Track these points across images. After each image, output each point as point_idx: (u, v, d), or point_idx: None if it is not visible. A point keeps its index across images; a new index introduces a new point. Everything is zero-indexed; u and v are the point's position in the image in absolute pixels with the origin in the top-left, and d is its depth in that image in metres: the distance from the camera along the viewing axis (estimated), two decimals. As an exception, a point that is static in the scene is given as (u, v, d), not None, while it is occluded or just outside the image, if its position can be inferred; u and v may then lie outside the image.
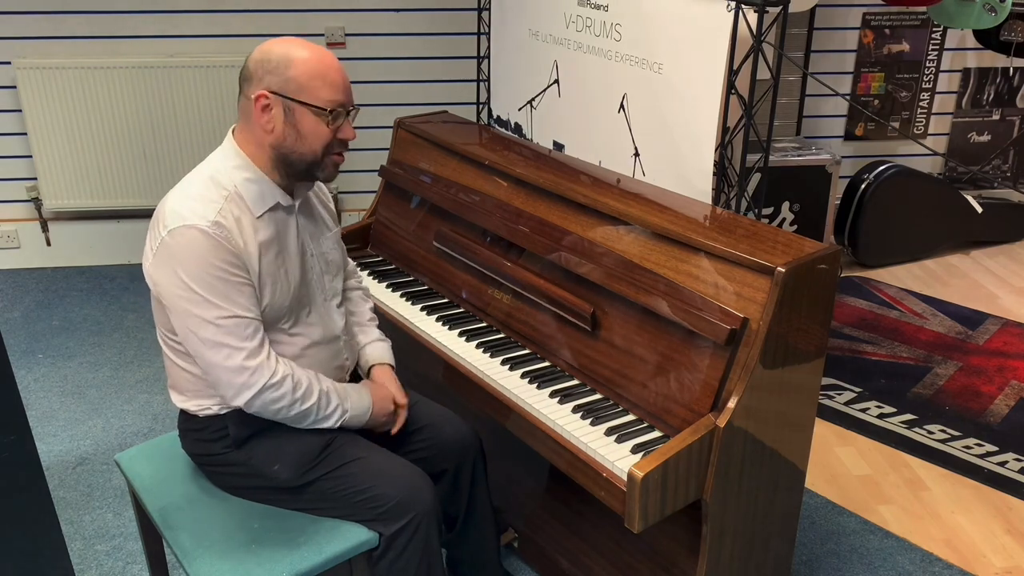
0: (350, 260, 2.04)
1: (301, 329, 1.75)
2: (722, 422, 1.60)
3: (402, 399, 1.87)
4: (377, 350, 1.96)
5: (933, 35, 4.19)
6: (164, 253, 1.58)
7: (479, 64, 3.39)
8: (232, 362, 1.59)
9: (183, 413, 1.79)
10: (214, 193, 1.61)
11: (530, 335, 2.03)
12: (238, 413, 1.71)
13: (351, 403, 1.76)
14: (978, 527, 2.49)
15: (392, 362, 1.96)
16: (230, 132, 1.70)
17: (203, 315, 1.57)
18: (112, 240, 3.99)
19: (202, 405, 1.74)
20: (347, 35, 3.82)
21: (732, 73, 2.16)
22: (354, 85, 1.70)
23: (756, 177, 2.40)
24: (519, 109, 2.99)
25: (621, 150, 2.51)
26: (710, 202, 2.21)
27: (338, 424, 1.74)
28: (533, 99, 2.89)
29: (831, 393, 3.11)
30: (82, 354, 3.31)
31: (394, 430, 1.87)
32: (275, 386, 1.63)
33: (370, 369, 1.93)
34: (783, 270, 1.60)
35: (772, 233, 1.77)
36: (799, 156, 3.60)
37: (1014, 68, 4.33)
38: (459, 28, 3.84)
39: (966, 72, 4.32)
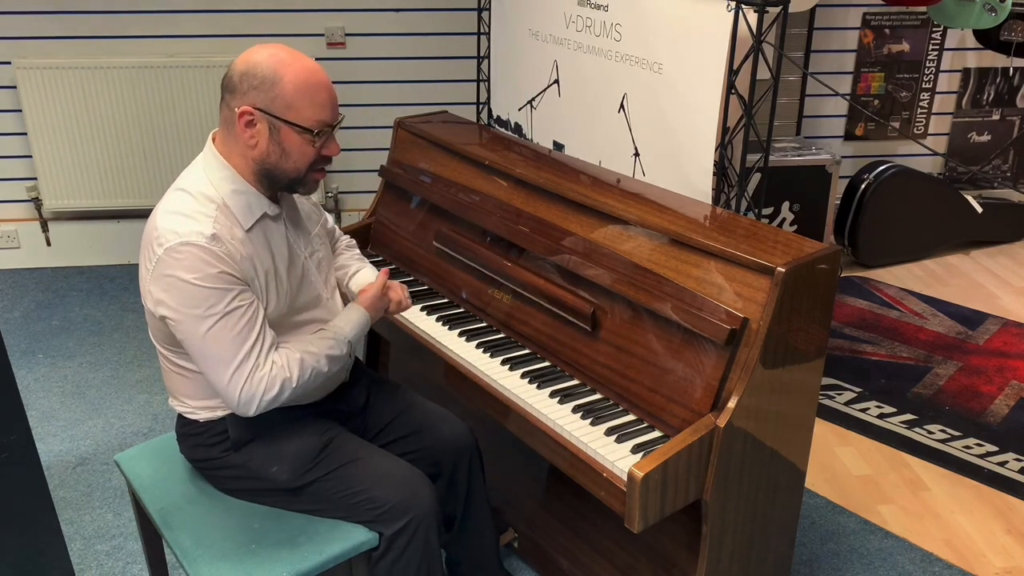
0: (336, 228, 2.03)
1: (308, 316, 1.75)
2: (722, 422, 1.60)
3: (385, 280, 1.85)
4: (363, 277, 1.95)
5: (933, 35, 4.19)
6: (162, 271, 1.54)
7: (479, 64, 3.39)
8: (240, 369, 1.56)
9: (181, 418, 1.79)
10: (205, 206, 1.58)
11: (530, 335, 2.03)
12: (237, 415, 1.71)
13: (346, 324, 1.74)
14: (978, 527, 2.49)
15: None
16: (211, 139, 1.66)
17: (208, 327, 1.54)
18: (112, 240, 3.99)
19: (204, 407, 1.73)
20: (347, 35, 3.82)
21: (732, 73, 2.16)
22: (354, 85, 1.70)
23: (756, 177, 2.40)
24: (519, 109, 2.99)
25: (621, 150, 2.51)
26: (710, 202, 2.21)
27: (351, 349, 1.75)
28: (533, 99, 2.89)
29: (831, 393, 3.11)
30: (82, 354, 3.31)
31: (404, 300, 1.87)
32: (281, 382, 1.60)
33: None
34: (783, 270, 1.60)
35: (772, 233, 1.77)
36: (799, 156, 3.60)
37: (1014, 68, 4.33)
38: (459, 28, 3.84)
39: (966, 72, 4.32)
